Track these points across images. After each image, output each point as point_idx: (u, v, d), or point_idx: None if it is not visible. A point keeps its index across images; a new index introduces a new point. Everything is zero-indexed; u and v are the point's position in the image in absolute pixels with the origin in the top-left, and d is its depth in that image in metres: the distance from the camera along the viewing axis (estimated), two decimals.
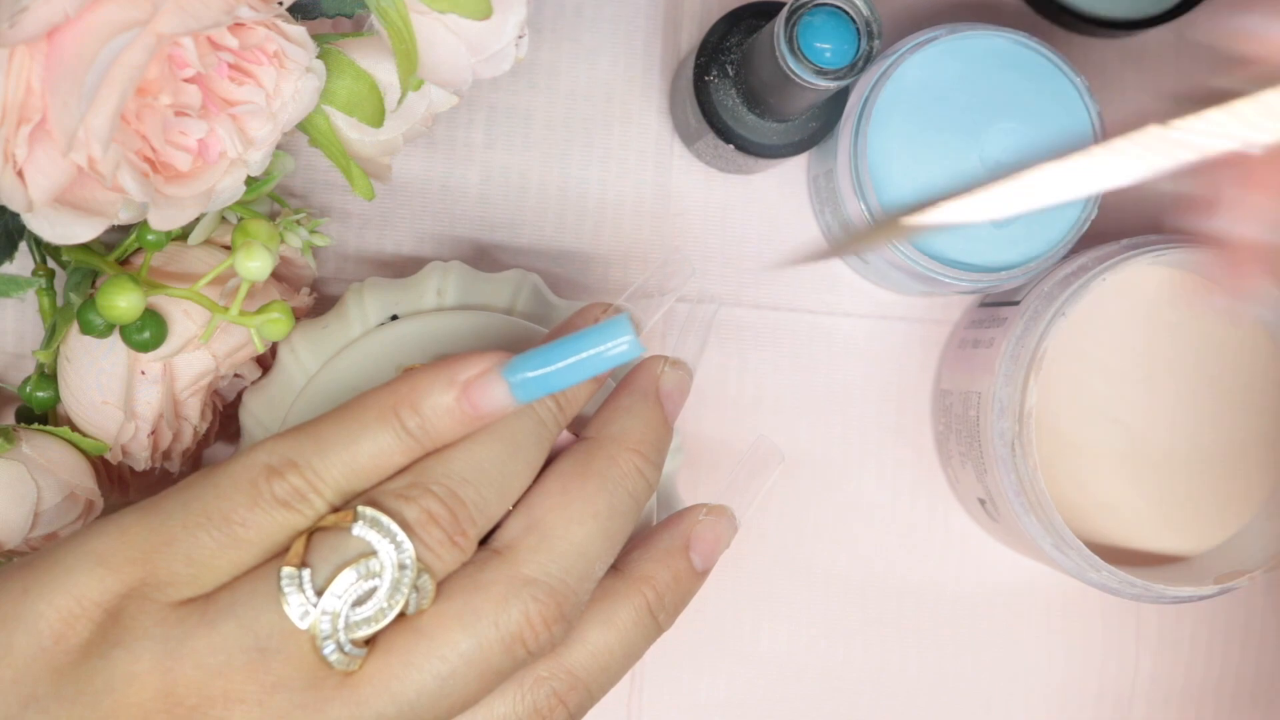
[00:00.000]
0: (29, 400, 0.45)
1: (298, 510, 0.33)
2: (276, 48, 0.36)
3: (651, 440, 0.36)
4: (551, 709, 0.34)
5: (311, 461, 0.33)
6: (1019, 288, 0.49)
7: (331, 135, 0.41)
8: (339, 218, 0.51)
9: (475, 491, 0.33)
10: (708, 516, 0.37)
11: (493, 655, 0.33)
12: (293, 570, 0.32)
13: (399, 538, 0.32)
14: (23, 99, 0.33)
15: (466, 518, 0.33)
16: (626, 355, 0.34)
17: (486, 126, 0.52)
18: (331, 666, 0.32)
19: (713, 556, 0.37)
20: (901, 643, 0.53)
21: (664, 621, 0.36)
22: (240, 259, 0.41)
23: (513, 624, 0.33)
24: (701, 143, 0.50)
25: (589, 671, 0.35)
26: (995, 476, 0.47)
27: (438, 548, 0.32)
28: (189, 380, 0.43)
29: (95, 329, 0.41)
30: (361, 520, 0.32)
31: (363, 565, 0.32)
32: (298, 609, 0.32)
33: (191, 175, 0.37)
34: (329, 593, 0.32)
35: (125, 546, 0.32)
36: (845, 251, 0.51)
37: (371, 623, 0.32)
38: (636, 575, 0.36)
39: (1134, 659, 0.54)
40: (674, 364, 0.37)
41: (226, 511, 0.33)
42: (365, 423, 0.34)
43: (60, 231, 0.35)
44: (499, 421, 0.34)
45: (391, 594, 0.32)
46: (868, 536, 0.53)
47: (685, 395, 0.38)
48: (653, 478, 0.36)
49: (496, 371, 0.34)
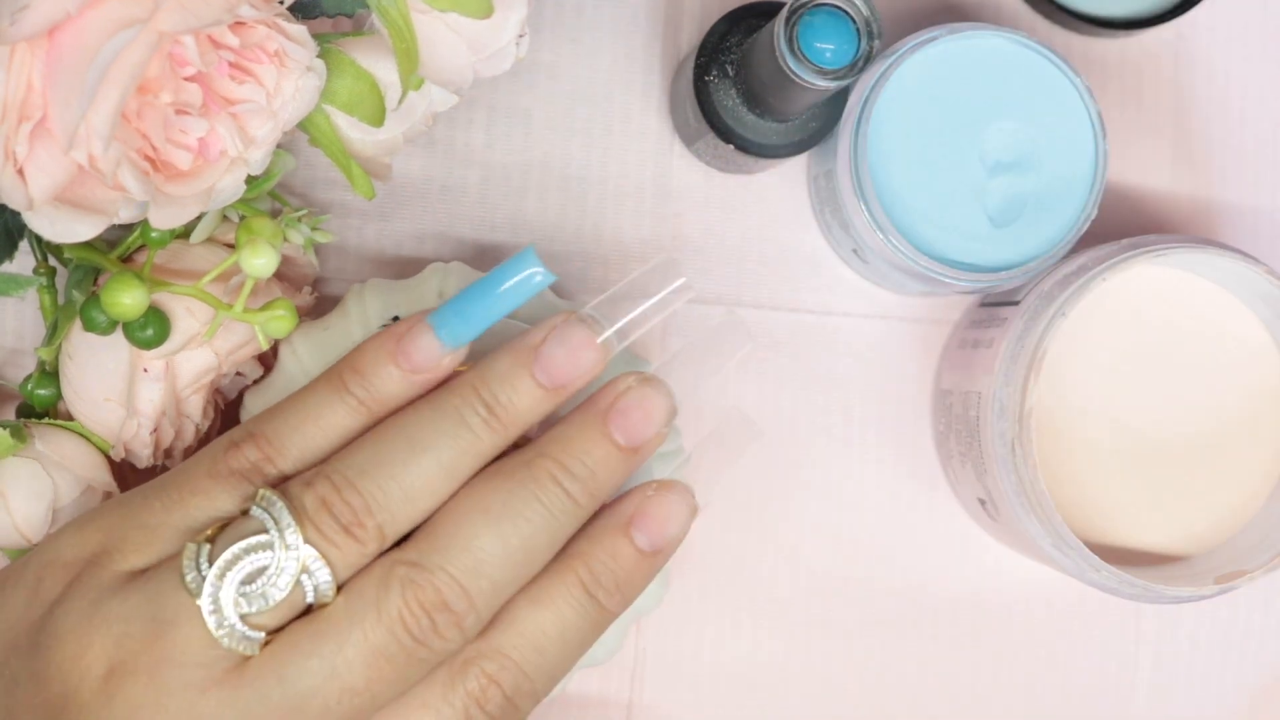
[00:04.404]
0: (30, 398, 0.45)
1: (251, 483, 0.34)
2: (277, 46, 0.36)
3: (578, 453, 0.35)
4: (483, 689, 0.34)
5: (268, 434, 0.34)
6: (1019, 288, 0.49)
7: (332, 134, 0.41)
8: (339, 217, 0.51)
9: (373, 482, 0.33)
10: (656, 493, 0.36)
11: (378, 641, 0.32)
12: (195, 545, 0.33)
13: (284, 520, 0.33)
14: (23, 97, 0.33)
15: (363, 507, 0.33)
16: (538, 285, 0.35)
17: (486, 126, 0.52)
18: (221, 646, 0.32)
19: (660, 535, 0.35)
20: (901, 642, 0.53)
21: (605, 600, 0.35)
22: (245, 256, 0.41)
23: (393, 609, 0.32)
24: (701, 143, 0.50)
25: (520, 651, 0.34)
26: (995, 476, 0.47)
27: (332, 534, 0.33)
28: (191, 378, 0.43)
29: (99, 326, 0.41)
30: (258, 503, 0.33)
31: (253, 543, 0.32)
32: (192, 581, 0.32)
33: (192, 174, 0.37)
34: (215, 567, 0.32)
35: (99, 515, 0.35)
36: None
37: (258, 600, 0.32)
38: (569, 553, 0.35)
39: (1134, 659, 0.54)
40: (644, 381, 0.36)
41: (182, 481, 0.34)
42: (318, 393, 0.35)
43: (61, 230, 0.35)
44: (412, 418, 0.34)
45: (278, 574, 0.32)
46: (868, 536, 0.53)
47: (651, 415, 0.35)
48: (575, 490, 0.34)
49: (424, 322, 0.35)
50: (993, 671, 0.53)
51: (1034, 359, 0.45)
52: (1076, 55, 0.54)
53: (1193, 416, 0.49)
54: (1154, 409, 0.48)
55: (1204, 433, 0.48)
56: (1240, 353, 0.49)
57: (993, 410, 0.47)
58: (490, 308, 0.35)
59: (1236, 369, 0.49)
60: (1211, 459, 0.48)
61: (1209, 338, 0.49)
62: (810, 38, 0.42)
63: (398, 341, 0.35)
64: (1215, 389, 0.49)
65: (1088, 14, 0.52)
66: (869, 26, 0.42)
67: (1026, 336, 0.46)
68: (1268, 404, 0.49)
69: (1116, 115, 0.54)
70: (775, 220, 0.53)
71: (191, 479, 0.34)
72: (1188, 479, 0.49)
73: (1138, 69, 0.54)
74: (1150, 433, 0.48)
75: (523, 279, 0.35)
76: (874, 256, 0.48)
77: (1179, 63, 0.54)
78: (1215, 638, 0.54)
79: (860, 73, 0.42)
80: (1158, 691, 0.54)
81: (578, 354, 0.35)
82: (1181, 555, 0.49)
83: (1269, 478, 0.49)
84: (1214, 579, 0.46)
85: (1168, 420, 0.49)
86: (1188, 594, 0.45)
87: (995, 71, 0.47)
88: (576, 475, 0.34)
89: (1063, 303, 0.45)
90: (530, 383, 0.35)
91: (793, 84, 0.43)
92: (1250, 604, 0.54)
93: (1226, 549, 0.48)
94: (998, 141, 0.47)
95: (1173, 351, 0.49)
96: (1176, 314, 0.49)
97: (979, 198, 0.47)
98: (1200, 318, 0.49)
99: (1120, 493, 0.48)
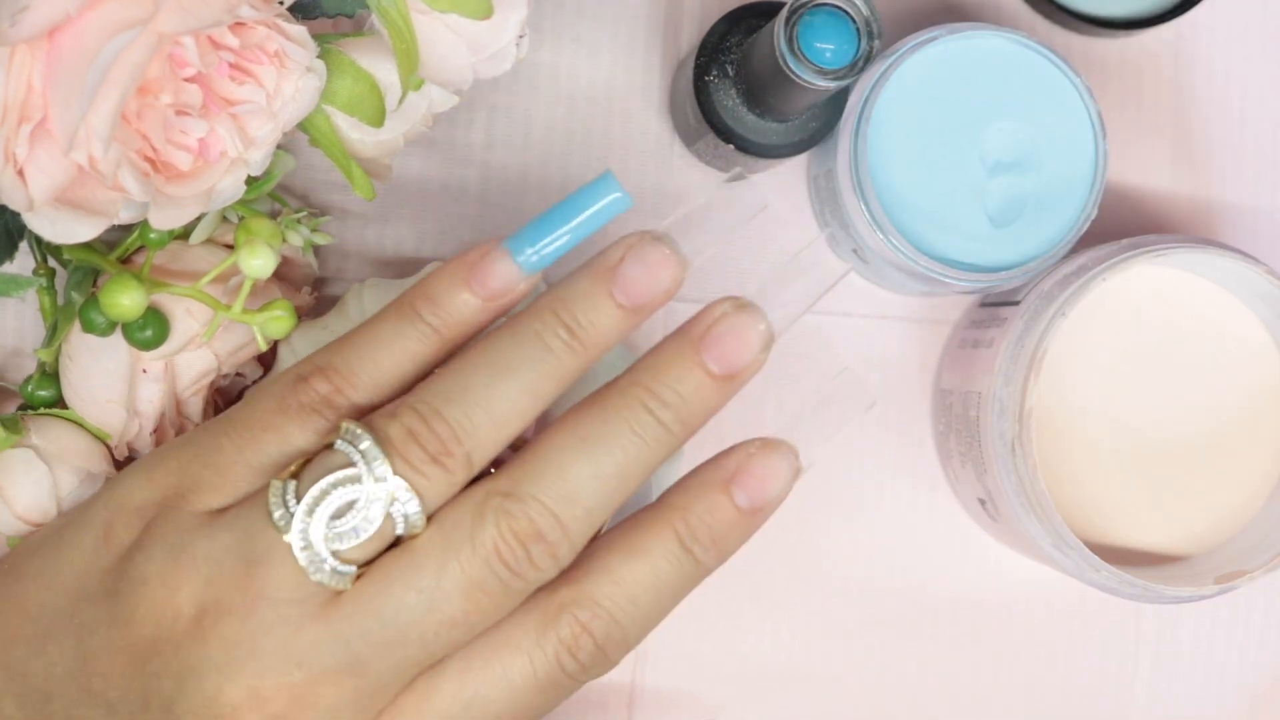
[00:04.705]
0: (31, 399, 0.45)
1: (325, 417, 0.33)
2: (277, 47, 0.36)
3: (671, 381, 0.34)
4: (575, 637, 0.33)
5: (337, 365, 0.34)
6: (1019, 288, 0.49)
7: (332, 135, 0.41)
8: (339, 217, 0.51)
9: (460, 410, 0.33)
10: (759, 450, 0.35)
11: (474, 573, 0.32)
12: (280, 483, 0.32)
13: (371, 453, 0.32)
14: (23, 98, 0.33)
15: (450, 435, 0.32)
16: (617, 207, 0.34)
17: (486, 126, 0.52)
18: (313, 582, 0.32)
19: (761, 495, 0.34)
20: (901, 642, 0.53)
21: (701, 556, 0.34)
22: (244, 257, 0.41)
23: (488, 540, 0.32)
24: (701, 143, 0.50)
25: (614, 601, 0.33)
26: (995, 476, 0.47)
27: (420, 465, 0.32)
28: (191, 379, 0.43)
29: (98, 327, 0.41)
30: (343, 436, 0.33)
31: (340, 477, 0.32)
32: (280, 519, 0.32)
33: (192, 174, 0.37)
34: (303, 503, 0.32)
35: (166, 458, 0.34)
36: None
37: (349, 536, 0.32)
38: (667, 504, 0.34)
39: (1134, 659, 0.54)
40: (739, 307, 0.34)
41: (249, 418, 0.34)
42: (387, 322, 0.34)
43: (61, 230, 0.35)
44: (493, 344, 0.33)
45: (367, 507, 0.32)
46: (867, 536, 0.53)
47: (746, 342, 0.34)
48: (668, 419, 0.33)
49: (499, 246, 0.34)
50: (993, 671, 0.53)
51: (1034, 359, 0.45)
52: (1076, 55, 0.54)
53: (1193, 416, 0.49)
54: (1154, 409, 0.48)
55: (1204, 433, 0.48)
56: (1240, 353, 0.49)
57: (993, 410, 0.47)
58: (569, 232, 0.34)
59: (1236, 369, 0.49)
60: (1211, 459, 0.48)
61: (1209, 338, 0.49)
62: (810, 38, 0.42)
63: (471, 268, 0.34)
64: (1215, 389, 0.49)
65: (1088, 14, 0.52)
66: (869, 26, 0.42)
67: (1026, 336, 0.46)
68: (1268, 404, 0.49)
69: (1116, 115, 0.53)
70: (775, 220, 0.53)
71: (262, 415, 0.33)
72: (1188, 479, 0.49)
73: (1138, 69, 0.54)
74: (1150, 433, 0.48)
75: (605, 204, 0.34)
76: (874, 256, 0.48)
77: (1179, 63, 0.54)
78: (1215, 638, 0.54)
79: (860, 73, 0.42)
80: (1158, 691, 0.54)
81: (656, 271, 0.34)
82: (1181, 555, 0.49)
83: (1269, 478, 0.49)
84: (1214, 579, 0.46)
85: (1168, 420, 0.49)
86: (1188, 594, 0.46)
87: (995, 71, 0.47)
88: (669, 403, 0.33)
89: (1063, 303, 0.45)
90: (610, 303, 0.34)
91: (793, 84, 0.43)
92: (1250, 604, 0.54)
93: (1226, 549, 0.48)
94: (998, 141, 0.47)
95: (1173, 351, 0.49)
96: (1176, 314, 0.49)
97: (979, 198, 0.47)
98: (1200, 318, 0.49)
99: (1120, 493, 0.48)
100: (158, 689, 0.32)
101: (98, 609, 0.33)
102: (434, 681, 0.33)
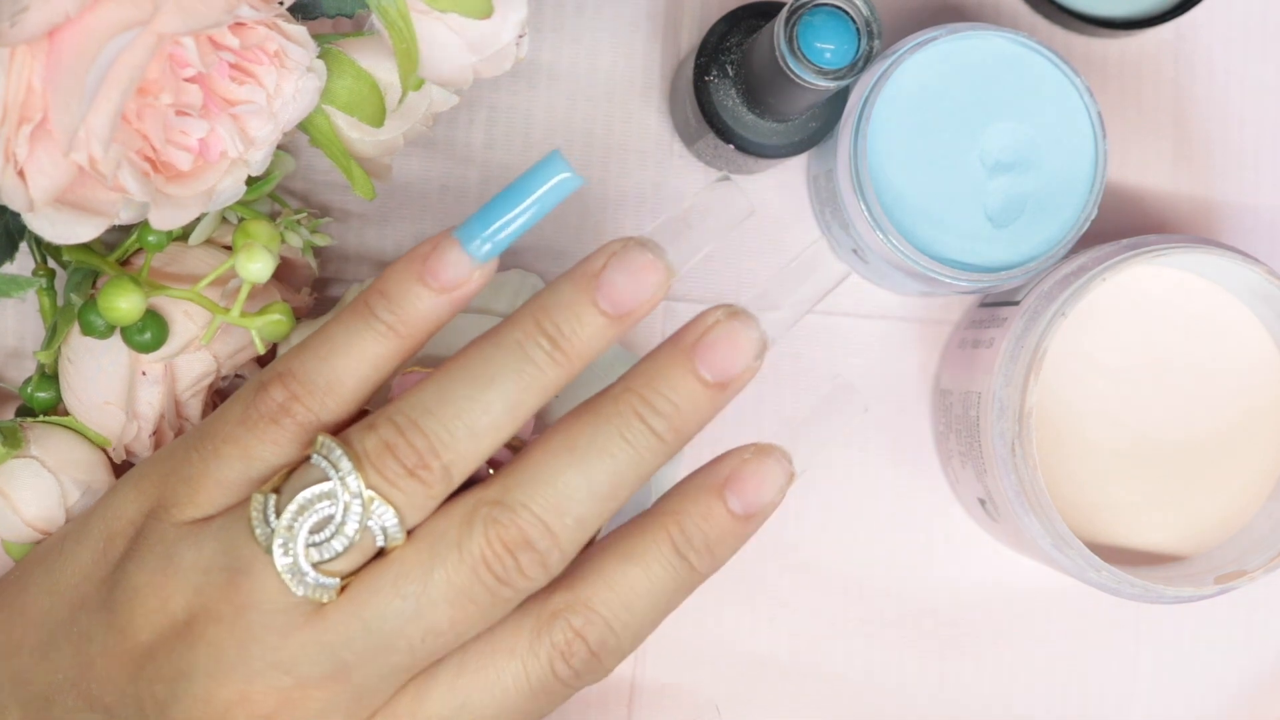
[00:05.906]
0: (30, 401, 0.45)
1: (283, 426, 0.33)
2: (277, 47, 0.36)
3: (664, 389, 0.33)
4: (569, 643, 0.33)
5: (295, 370, 0.33)
6: (1019, 288, 0.49)
7: (332, 135, 0.41)
8: (339, 218, 0.51)
9: (437, 422, 0.32)
10: (753, 456, 0.34)
11: (461, 582, 0.32)
12: (262, 496, 0.33)
13: (343, 466, 0.32)
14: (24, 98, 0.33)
15: (427, 448, 0.32)
16: (567, 187, 0.33)
17: (486, 126, 0.52)
18: (297, 594, 0.32)
19: (754, 500, 0.34)
20: (901, 642, 0.53)
21: (696, 562, 0.34)
22: (241, 261, 0.41)
23: (475, 549, 0.32)
24: (701, 143, 0.50)
25: (609, 607, 0.33)
26: (995, 476, 0.47)
27: (395, 479, 0.32)
28: (190, 381, 0.43)
29: (96, 330, 0.41)
30: (318, 450, 0.33)
31: (317, 492, 0.32)
32: (261, 535, 0.32)
33: (192, 175, 0.37)
34: (283, 518, 0.32)
35: (150, 470, 0.35)
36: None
37: (328, 550, 0.32)
38: (661, 510, 0.34)
39: (1134, 659, 0.54)
40: (731, 314, 0.34)
41: (216, 429, 0.34)
42: (344, 323, 0.34)
43: (61, 231, 0.35)
44: (474, 354, 0.33)
45: (343, 521, 0.32)
46: (867, 536, 0.53)
47: (739, 349, 0.34)
48: (660, 427, 0.33)
49: (450, 236, 0.33)
50: (992, 671, 0.53)
51: (1034, 359, 0.45)
52: (1076, 55, 0.54)
53: (1193, 416, 0.49)
54: (1154, 409, 0.48)
55: (1204, 433, 0.48)
56: (1240, 353, 0.49)
57: (993, 410, 0.47)
58: (519, 216, 0.33)
59: (1236, 369, 0.49)
60: (1211, 459, 0.48)
61: (1209, 338, 0.49)
62: (810, 38, 0.42)
63: (424, 260, 0.33)
64: (1215, 389, 0.49)
65: (1088, 14, 0.52)
66: (869, 26, 0.42)
67: (1026, 336, 0.46)
68: (1268, 404, 0.49)
69: (1116, 115, 0.53)
70: (775, 220, 0.53)
71: (224, 427, 0.34)
72: (1187, 479, 0.49)
73: (1138, 69, 0.54)
74: (1150, 433, 0.48)
75: (554, 184, 0.33)
76: (874, 256, 0.48)
77: (1179, 63, 0.54)
78: (1215, 638, 0.54)
79: (860, 73, 0.42)
80: (1158, 691, 0.54)
81: (640, 277, 0.33)
82: (1181, 555, 0.49)
83: (1269, 478, 0.49)
84: (1214, 579, 0.46)
85: (1168, 420, 0.48)
86: (1188, 594, 0.46)
87: (995, 71, 0.47)
88: (661, 412, 0.33)
89: (1063, 303, 0.45)
90: (593, 310, 0.33)
91: (793, 84, 0.43)
92: (1250, 604, 0.54)
93: (1226, 549, 0.48)
94: (998, 141, 0.47)
95: (1173, 352, 0.49)
96: (1176, 314, 0.49)
97: (979, 198, 0.47)
98: (1200, 318, 0.49)
99: (1120, 493, 0.48)
100: (152, 693, 0.33)
101: (95, 617, 0.34)
102: (427, 685, 0.34)
